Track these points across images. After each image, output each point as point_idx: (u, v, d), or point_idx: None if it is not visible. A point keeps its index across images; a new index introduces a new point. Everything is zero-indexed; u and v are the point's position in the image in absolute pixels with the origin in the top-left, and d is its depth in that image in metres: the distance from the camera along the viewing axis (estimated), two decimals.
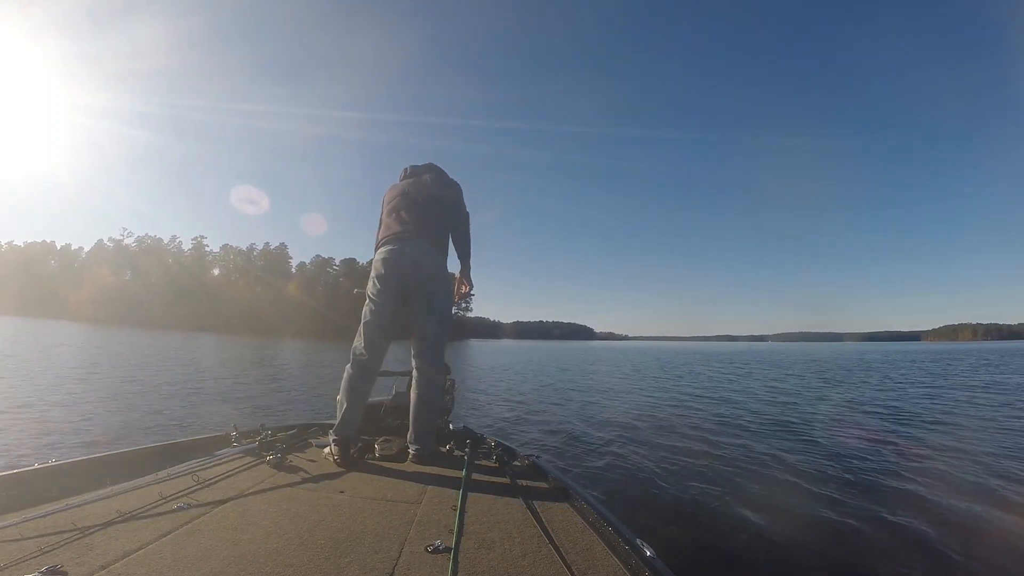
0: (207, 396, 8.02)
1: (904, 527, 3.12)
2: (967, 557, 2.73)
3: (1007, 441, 5.75)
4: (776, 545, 2.85)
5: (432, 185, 2.40)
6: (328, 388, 9.00)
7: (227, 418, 5.62)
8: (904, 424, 6.96)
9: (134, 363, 12.87)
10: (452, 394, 2.94)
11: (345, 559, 1.22)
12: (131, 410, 6.38)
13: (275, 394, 8.94)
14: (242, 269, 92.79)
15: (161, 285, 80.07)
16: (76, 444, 4.51)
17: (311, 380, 11.70)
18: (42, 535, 1.26)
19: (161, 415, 6.20)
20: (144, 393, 7.84)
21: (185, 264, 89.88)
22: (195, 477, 1.74)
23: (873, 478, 4.17)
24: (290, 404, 7.85)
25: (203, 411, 6.71)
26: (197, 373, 11.34)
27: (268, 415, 6.72)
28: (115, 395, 7.50)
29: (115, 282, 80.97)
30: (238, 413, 6.62)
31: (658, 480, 4.12)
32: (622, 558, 1.29)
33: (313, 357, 20.09)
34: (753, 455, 4.95)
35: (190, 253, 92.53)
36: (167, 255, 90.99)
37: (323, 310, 78.58)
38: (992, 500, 3.67)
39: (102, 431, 5.11)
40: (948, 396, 10.33)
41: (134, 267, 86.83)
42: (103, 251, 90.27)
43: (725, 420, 7.14)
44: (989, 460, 4.77)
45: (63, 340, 20.78)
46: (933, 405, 9.02)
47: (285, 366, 15.90)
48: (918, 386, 12.57)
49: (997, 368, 19.63)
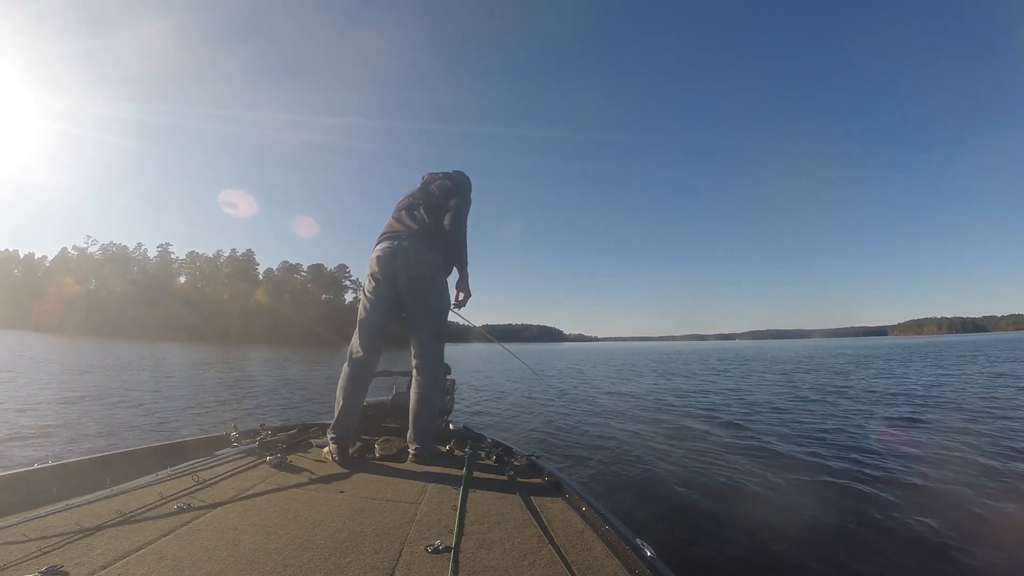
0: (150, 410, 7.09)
1: (904, 526, 3.08)
2: (968, 557, 2.68)
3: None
4: (776, 545, 2.82)
5: (438, 191, 2.39)
6: (296, 396, 9.24)
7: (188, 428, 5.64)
8: (907, 417, 6.91)
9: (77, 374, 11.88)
10: (452, 394, 2.92)
11: (345, 559, 1.23)
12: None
13: (242, 400, 8.55)
14: (209, 276, 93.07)
15: (127, 293, 79.98)
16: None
17: (281, 387, 11.11)
18: (42, 535, 1.26)
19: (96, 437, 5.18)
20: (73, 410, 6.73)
21: (151, 272, 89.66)
22: (195, 477, 1.75)
23: (873, 477, 4.11)
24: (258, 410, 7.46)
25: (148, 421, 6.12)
26: (146, 383, 10.54)
27: (266, 416, 6.59)
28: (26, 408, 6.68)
29: (80, 291, 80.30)
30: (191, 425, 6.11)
31: (658, 480, 4.09)
32: (622, 558, 1.29)
33: (280, 365, 18.98)
34: (753, 455, 4.93)
35: (155, 260, 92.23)
36: (132, 263, 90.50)
37: (291, 316, 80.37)
38: (993, 494, 3.63)
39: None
40: (952, 386, 10.63)
41: (99, 275, 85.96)
42: (67, 259, 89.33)
43: (725, 420, 7.03)
44: (991, 456, 4.73)
45: (26, 352, 19.47)
46: (935, 395, 9.18)
47: (252, 374, 14.80)
48: (911, 379, 12.71)
49: (982, 361, 19.51)
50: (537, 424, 6.86)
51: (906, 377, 13.41)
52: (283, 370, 16.26)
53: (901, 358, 23.21)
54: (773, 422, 6.82)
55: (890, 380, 12.63)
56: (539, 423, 6.94)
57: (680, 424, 6.80)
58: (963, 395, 9.30)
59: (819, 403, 8.63)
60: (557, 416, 7.55)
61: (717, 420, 7.09)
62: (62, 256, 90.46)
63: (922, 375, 13.84)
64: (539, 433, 6.20)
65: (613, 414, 7.76)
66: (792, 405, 8.48)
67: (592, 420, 7.16)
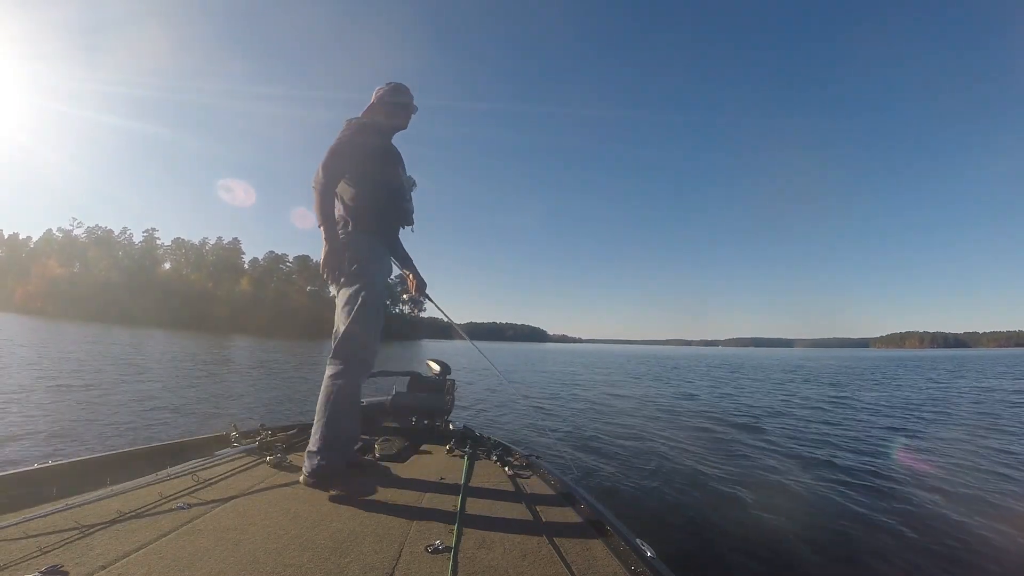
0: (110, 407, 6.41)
1: (904, 526, 3.10)
2: (969, 555, 2.72)
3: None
4: (776, 545, 2.82)
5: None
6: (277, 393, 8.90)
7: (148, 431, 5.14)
8: (903, 426, 6.98)
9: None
10: (452, 394, 2.96)
11: (345, 559, 1.24)
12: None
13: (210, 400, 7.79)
14: (194, 263, 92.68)
15: (111, 278, 79.73)
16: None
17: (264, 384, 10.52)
18: (42, 535, 1.27)
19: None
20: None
21: (135, 257, 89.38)
22: (195, 477, 1.75)
23: (873, 478, 4.13)
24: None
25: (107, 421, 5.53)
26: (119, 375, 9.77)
27: (262, 417, 6.44)
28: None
29: (64, 274, 79.81)
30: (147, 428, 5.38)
31: (658, 480, 4.09)
32: (622, 558, 1.30)
33: (263, 357, 18.60)
34: (752, 455, 4.93)
35: (140, 246, 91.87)
36: (117, 247, 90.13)
37: (275, 306, 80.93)
38: (991, 498, 3.69)
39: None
40: (950, 400, 10.66)
41: (83, 259, 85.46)
42: (52, 242, 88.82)
43: (724, 422, 7.05)
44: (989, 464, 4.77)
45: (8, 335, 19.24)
46: (933, 407, 9.29)
47: (219, 372, 13.29)
48: (914, 389, 12.96)
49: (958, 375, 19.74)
50: (532, 423, 6.83)
51: (915, 388, 13.65)
52: (261, 367, 14.96)
53: (890, 369, 23.53)
54: (774, 426, 6.87)
55: (885, 390, 13.03)
56: (528, 423, 6.85)
57: (680, 425, 6.88)
58: (983, 407, 9.44)
59: (816, 410, 8.86)
60: (555, 418, 7.51)
61: (716, 422, 7.18)
62: (47, 238, 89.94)
63: (922, 387, 14.05)
64: (538, 433, 6.24)
65: (612, 415, 7.77)
66: (791, 411, 8.66)
67: (591, 421, 7.16)
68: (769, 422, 7.29)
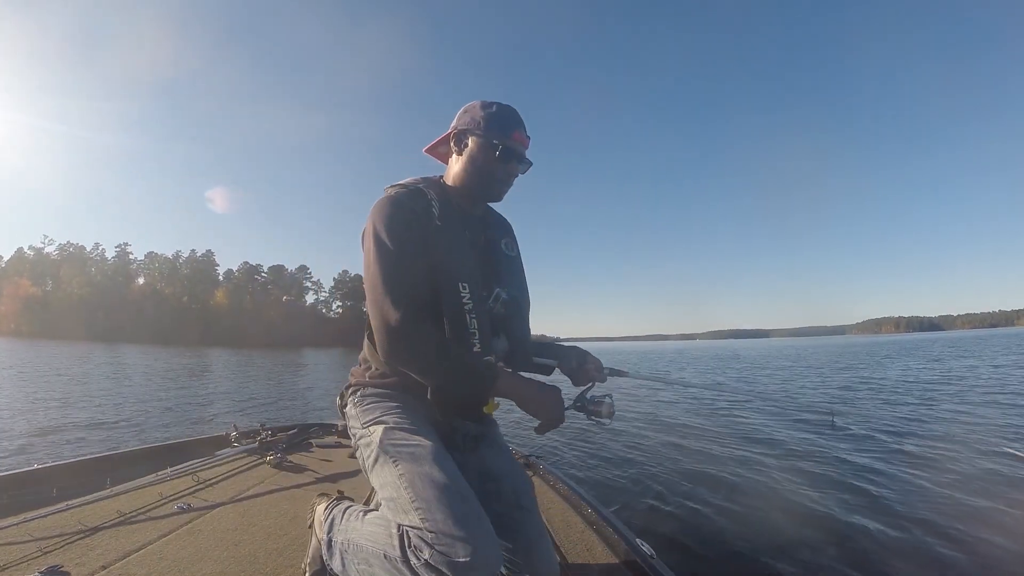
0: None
1: (905, 526, 3.06)
2: (969, 556, 2.66)
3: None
4: (776, 545, 2.79)
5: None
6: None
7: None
8: (902, 419, 6.84)
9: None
10: None
11: None
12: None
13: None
14: (168, 277, 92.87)
15: (84, 295, 79.81)
16: None
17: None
18: (43, 535, 1.28)
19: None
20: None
21: (108, 273, 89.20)
22: (195, 477, 1.76)
23: (873, 477, 4.06)
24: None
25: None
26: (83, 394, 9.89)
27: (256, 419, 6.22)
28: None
29: (36, 293, 79.55)
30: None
31: (658, 480, 4.06)
32: (622, 558, 1.30)
33: (240, 370, 18.62)
34: (752, 455, 4.89)
35: (113, 262, 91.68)
36: (89, 263, 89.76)
37: (251, 318, 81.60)
38: (992, 494, 3.59)
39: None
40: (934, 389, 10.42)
41: (55, 276, 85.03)
42: (24, 260, 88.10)
43: (723, 421, 7.01)
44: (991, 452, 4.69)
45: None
46: (921, 399, 9.00)
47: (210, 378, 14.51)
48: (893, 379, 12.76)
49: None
50: (530, 422, 6.70)
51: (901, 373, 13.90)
52: (234, 377, 15.38)
53: (895, 354, 23.97)
54: (769, 422, 6.75)
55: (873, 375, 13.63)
56: (528, 422, 5.95)
57: (679, 425, 6.80)
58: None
59: (814, 401, 8.88)
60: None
61: (715, 420, 7.09)
62: (18, 256, 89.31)
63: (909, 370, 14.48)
64: (536, 433, 6.64)
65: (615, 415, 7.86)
66: (786, 402, 8.76)
67: (589, 421, 7.45)
68: (769, 417, 7.18)
